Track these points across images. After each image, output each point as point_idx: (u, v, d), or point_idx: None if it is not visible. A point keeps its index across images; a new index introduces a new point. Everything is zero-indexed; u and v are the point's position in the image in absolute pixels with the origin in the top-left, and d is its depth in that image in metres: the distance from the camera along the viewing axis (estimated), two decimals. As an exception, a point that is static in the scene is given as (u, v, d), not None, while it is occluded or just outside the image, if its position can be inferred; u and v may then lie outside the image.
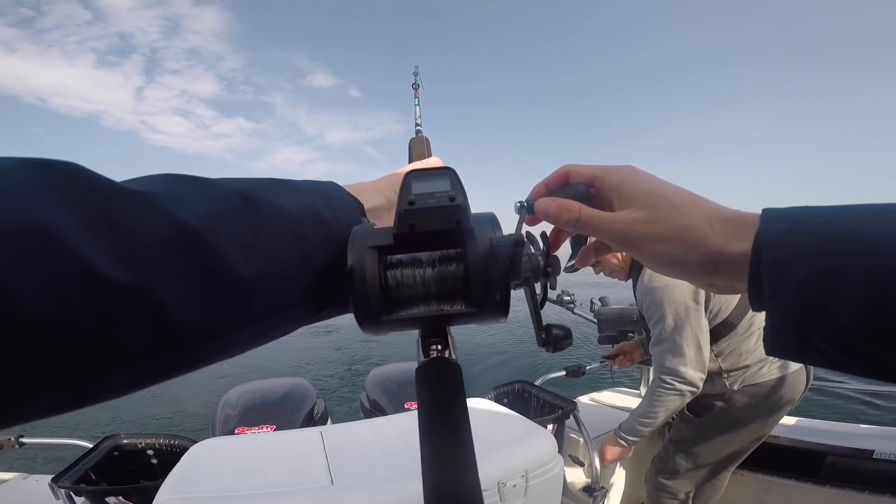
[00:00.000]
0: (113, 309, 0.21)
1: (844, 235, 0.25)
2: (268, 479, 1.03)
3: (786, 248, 0.27)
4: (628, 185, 0.35)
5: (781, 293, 0.27)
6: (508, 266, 0.29)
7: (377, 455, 1.14)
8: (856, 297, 0.24)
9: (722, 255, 0.31)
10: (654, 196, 0.33)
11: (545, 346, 0.32)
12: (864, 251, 0.24)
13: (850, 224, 0.26)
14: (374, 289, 0.29)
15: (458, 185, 0.31)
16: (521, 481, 1.12)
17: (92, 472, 1.46)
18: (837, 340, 0.25)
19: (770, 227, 0.29)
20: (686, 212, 0.32)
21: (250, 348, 0.30)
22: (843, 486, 1.75)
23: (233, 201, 0.28)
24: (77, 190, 0.21)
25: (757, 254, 0.29)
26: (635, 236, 0.33)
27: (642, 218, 0.33)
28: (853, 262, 0.24)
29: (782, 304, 0.27)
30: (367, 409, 2.11)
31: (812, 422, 2.03)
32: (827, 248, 0.25)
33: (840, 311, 0.25)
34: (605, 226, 0.34)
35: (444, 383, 0.29)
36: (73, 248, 0.19)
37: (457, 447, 0.26)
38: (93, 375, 0.22)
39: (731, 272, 0.31)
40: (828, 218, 0.27)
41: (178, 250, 0.24)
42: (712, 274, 0.32)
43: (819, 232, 0.26)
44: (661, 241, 0.32)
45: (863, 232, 0.25)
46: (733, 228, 0.31)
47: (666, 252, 0.32)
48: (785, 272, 0.27)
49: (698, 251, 0.31)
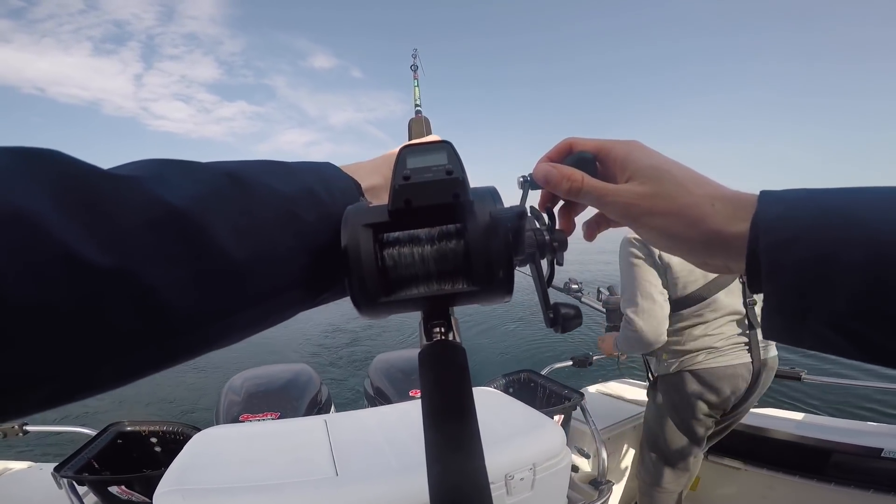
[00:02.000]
0: (97, 293, 0.20)
1: (840, 219, 0.26)
2: (271, 469, 1.02)
3: (783, 231, 0.27)
4: (634, 158, 0.35)
5: (779, 275, 0.28)
6: (511, 240, 0.28)
7: (382, 445, 1.13)
8: (851, 281, 0.24)
9: (720, 235, 0.31)
10: (660, 171, 0.34)
11: (553, 326, 0.31)
12: (859, 236, 0.25)
13: (846, 208, 0.26)
14: (370, 269, 0.28)
15: (456, 158, 0.29)
16: (528, 474, 1.10)
17: (95, 460, 1.46)
18: (834, 323, 0.26)
19: (767, 209, 0.29)
20: (689, 189, 0.33)
21: (249, 335, 0.30)
22: (847, 484, 1.74)
23: (222, 182, 0.27)
24: (56, 175, 0.21)
25: (755, 235, 0.29)
26: (638, 210, 0.33)
27: (646, 192, 0.33)
28: (848, 246, 0.25)
29: (779, 286, 0.28)
30: (371, 396, 2.11)
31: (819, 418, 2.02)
32: (823, 231, 0.26)
33: (836, 295, 0.25)
34: (608, 197, 0.34)
35: (449, 367, 0.28)
36: (52, 233, 0.19)
37: (463, 434, 0.25)
38: (82, 365, 0.21)
39: (728, 252, 0.31)
40: (824, 201, 0.27)
41: (165, 232, 0.23)
42: (709, 252, 0.32)
43: (816, 215, 0.27)
44: (663, 216, 0.33)
45: (858, 216, 0.25)
46: (732, 208, 0.31)
47: (666, 227, 0.33)
48: (782, 254, 0.27)
49: (698, 229, 0.32)
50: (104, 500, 1.36)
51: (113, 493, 1.34)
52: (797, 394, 4.31)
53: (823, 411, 2.07)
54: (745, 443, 1.94)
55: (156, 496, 0.89)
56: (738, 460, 1.98)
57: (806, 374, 2.04)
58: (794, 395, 4.29)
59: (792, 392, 4.28)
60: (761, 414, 2.00)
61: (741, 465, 1.97)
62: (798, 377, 2.03)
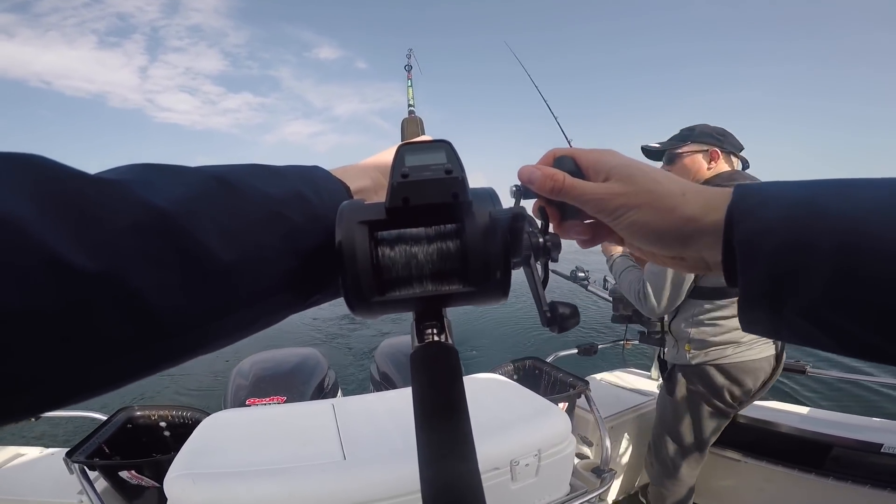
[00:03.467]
0: (83, 298, 0.20)
1: (813, 209, 0.26)
2: (280, 453, 1.03)
3: (758, 221, 0.28)
4: (605, 160, 0.36)
5: (754, 265, 0.28)
6: (509, 242, 0.27)
7: (389, 429, 1.14)
8: (823, 269, 0.25)
9: (695, 224, 0.32)
10: (631, 169, 0.35)
11: (550, 325, 0.30)
12: (830, 225, 0.25)
13: (818, 198, 0.27)
14: (365, 267, 0.27)
15: (455, 158, 0.29)
16: (533, 460, 1.11)
17: (106, 445, 1.48)
18: (807, 312, 0.26)
19: (742, 200, 0.30)
20: (659, 181, 0.34)
21: (240, 338, 0.30)
22: (845, 478, 1.73)
23: (209, 185, 0.27)
24: (40, 180, 0.21)
25: (729, 225, 0.30)
26: (612, 205, 0.35)
27: (618, 188, 0.35)
28: (820, 235, 0.25)
29: (754, 275, 0.28)
30: (377, 381, 2.13)
31: (820, 412, 2.00)
32: (796, 221, 0.26)
33: (810, 284, 0.26)
34: (585, 195, 0.36)
35: (441, 369, 0.28)
36: (36, 238, 0.19)
37: (455, 436, 0.25)
38: (69, 369, 0.21)
39: (703, 242, 0.32)
40: (797, 192, 0.28)
41: (151, 235, 0.23)
42: (684, 244, 0.33)
43: (789, 206, 0.27)
44: (636, 208, 0.34)
45: (829, 206, 0.26)
46: (705, 199, 0.32)
47: (639, 219, 0.34)
48: (757, 244, 0.28)
49: (671, 218, 0.33)
50: (115, 485, 1.38)
51: (123, 477, 1.36)
52: (799, 387, 4.34)
53: (824, 405, 2.06)
54: (745, 435, 1.93)
55: (166, 481, 0.90)
56: (738, 452, 1.97)
57: (811, 368, 2.03)
58: (796, 388, 4.32)
59: (794, 385, 4.31)
60: (762, 406, 1.99)
61: (741, 458, 1.96)
62: (803, 370, 2.02)
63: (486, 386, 1.44)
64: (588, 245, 0.42)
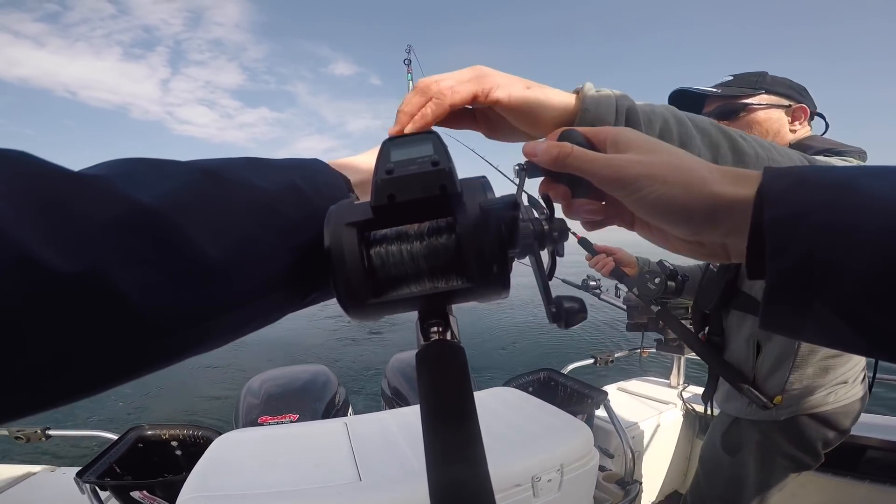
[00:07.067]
0: (58, 298, 0.19)
1: (856, 189, 0.24)
2: (294, 474, 1.00)
3: (791, 204, 0.25)
4: (624, 135, 0.34)
5: (786, 249, 0.25)
6: (504, 233, 0.26)
7: (403, 447, 1.12)
8: (867, 256, 0.22)
9: (723, 200, 0.29)
10: (652, 142, 0.33)
11: (556, 321, 0.29)
12: (878, 207, 0.23)
13: (861, 178, 0.25)
14: (355, 270, 0.26)
15: (442, 148, 0.29)
16: (556, 475, 1.08)
17: (116, 465, 1.46)
18: (843, 309, 0.24)
19: (773, 182, 0.27)
20: (682, 156, 0.32)
21: (232, 339, 0.29)
22: (883, 481, 1.68)
23: (196, 178, 0.26)
24: (17, 177, 0.20)
25: (759, 208, 0.27)
26: (632, 174, 0.31)
27: (640, 158, 0.32)
28: (866, 216, 0.23)
29: (784, 264, 0.25)
30: (389, 396, 2.10)
31: None
32: (839, 202, 0.24)
33: (849, 272, 0.23)
34: (598, 163, 0.32)
35: (447, 368, 0.26)
36: (7, 234, 0.18)
37: (464, 438, 0.24)
38: (49, 371, 0.20)
39: (730, 223, 0.29)
40: (837, 173, 0.26)
41: (134, 233, 0.22)
42: (710, 223, 0.30)
43: (825, 188, 0.25)
44: (660, 180, 0.31)
45: (874, 187, 0.24)
46: (732, 177, 0.30)
47: (663, 193, 0.30)
48: (792, 227, 0.25)
49: (699, 192, 0.30)
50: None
51: (135, 498, 1.34)
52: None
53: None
54: None
55: (179, 503, 0.88)
56: None
57: None
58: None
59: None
60: None
61: None
62: None
63: (504, 400, 1.41)
64: (598, 226, 0.39)
